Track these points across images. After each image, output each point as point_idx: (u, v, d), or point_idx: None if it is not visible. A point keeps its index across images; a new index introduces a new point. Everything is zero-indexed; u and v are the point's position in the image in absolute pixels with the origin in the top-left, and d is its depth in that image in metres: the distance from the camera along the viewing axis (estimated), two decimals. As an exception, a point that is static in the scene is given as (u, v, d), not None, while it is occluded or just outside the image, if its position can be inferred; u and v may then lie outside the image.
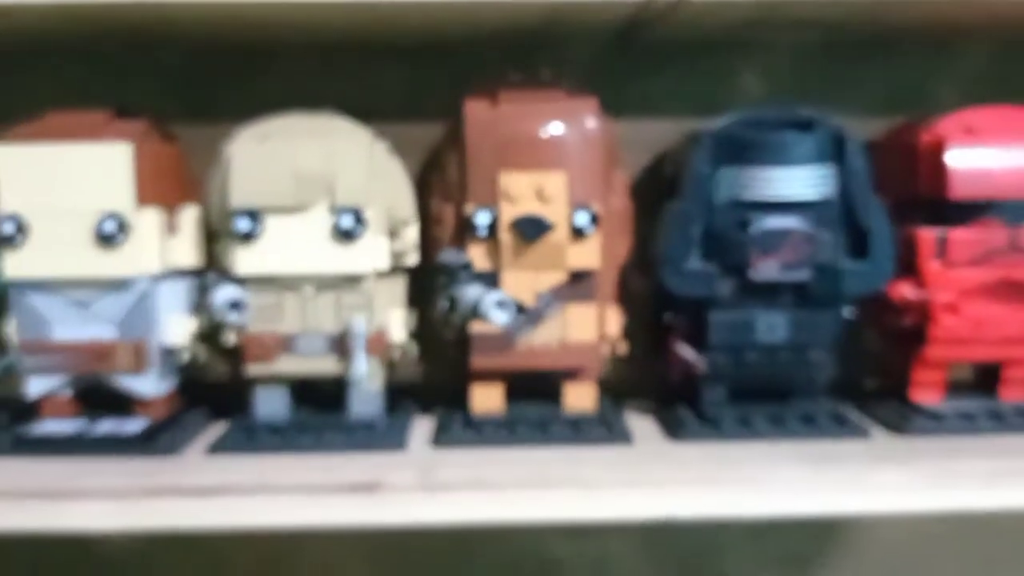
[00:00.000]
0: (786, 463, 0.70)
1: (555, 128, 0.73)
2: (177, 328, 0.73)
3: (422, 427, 0.77)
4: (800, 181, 0.71)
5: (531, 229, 0.73)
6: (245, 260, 0.70)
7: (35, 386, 0.71)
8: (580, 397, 0.77)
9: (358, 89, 0.83)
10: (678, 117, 0.85)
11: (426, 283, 0.77)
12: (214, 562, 0.91)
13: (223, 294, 0.68)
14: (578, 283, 0.75)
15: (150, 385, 0.72)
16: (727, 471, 0.68)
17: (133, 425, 0.71)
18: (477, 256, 0.73)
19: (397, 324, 0.75)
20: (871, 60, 0.87)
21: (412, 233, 0.76)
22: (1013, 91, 0.82)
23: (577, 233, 0.73)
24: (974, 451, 0.71)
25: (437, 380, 0.85)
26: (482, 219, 0.73)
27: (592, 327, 0.76)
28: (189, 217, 0.74)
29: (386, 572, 0.93)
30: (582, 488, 0.66)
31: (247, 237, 0.70)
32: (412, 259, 0.77)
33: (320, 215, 0.70)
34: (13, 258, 0.68)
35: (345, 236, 0.70)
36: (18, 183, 0.68)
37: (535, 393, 0.80)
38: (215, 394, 0.80)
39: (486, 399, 0.76)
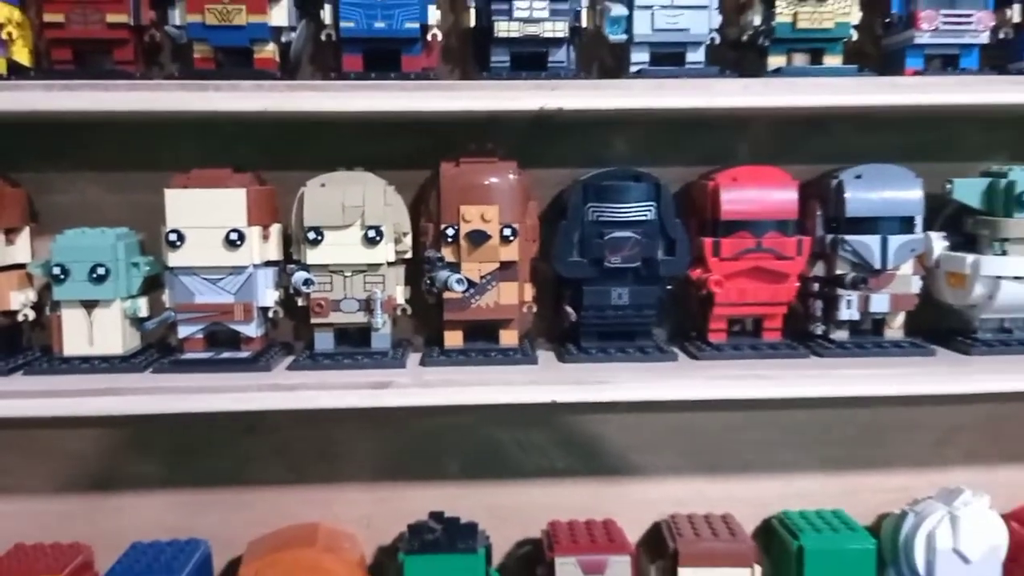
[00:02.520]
0: (628, 373, 1.07)
1: (492, 179, 1.09)
2: (268, 296, 1.12)
3: (414, 357, 1.15)
4: (634, 211, 1.10)
5: (478, 238, 1.08)
6: (313, 255, 1.09)
7: (183, 331, 1.11)
8: (508, 337, 1.14)
9: (376, 152, 1.15)
10: (567, 170, 1.18)
11: (416, 270, 1.13)
12: (286, 439, 1.28)
13: (300, 275, 1.08)
14: (506, 269, 1.11)
15: (252, 330, 1.11)
16: (592, 377, 1.06)
17: (243, 354, 1.11)
18: (447, 253, 1.09)
19: (400, 294, 1.13)
20: (689, 134, 1.21)
21: (408, 240, 1.12)
22: (783, 154, 1.19)
23: (505, 240, 1.09)
24: (740, 368, 1.10)
25: (421, 329, 1.23)
26: (450, 232, 1.09)
27: (515, 296, 1.12)
28: (274, 230, 1.13)
29: (388, 448, 1.28)
30: (508, 385, 1.05)
31: (314, 242, 1.08)
32: (408, 255, 1.13)
33: (356, 230, 1.08)
34: (175, 255, 1.08)
35: (371, 242, 1.08)
36: (179, 211, 1.07)
37: (481, 335, 1.15)
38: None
39: (452, 339, 1.14)
